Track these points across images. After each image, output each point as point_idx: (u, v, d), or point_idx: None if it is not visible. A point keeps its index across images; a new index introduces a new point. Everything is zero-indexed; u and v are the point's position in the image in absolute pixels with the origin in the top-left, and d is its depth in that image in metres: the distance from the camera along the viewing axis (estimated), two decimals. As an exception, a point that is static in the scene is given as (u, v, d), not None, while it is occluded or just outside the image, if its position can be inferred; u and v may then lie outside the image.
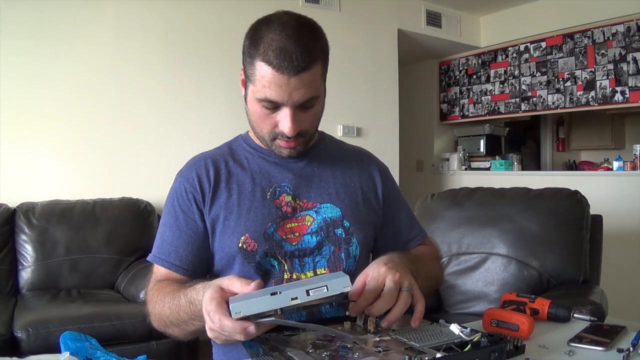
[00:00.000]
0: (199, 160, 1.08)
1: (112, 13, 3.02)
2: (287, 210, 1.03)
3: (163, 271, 1.02)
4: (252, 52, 0.91)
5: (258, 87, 0.92)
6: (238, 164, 1.07)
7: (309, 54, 0.89)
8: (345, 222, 1.05)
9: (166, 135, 3.15)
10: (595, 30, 3.81)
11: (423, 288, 0.90)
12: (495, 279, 1.97)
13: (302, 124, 0.96)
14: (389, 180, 1.17)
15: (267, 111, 0.94)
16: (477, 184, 2.43)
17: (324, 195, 1.06)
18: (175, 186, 1.06)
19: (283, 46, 0.88)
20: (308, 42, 0.90)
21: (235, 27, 3.65)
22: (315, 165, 1.09)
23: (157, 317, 0.96)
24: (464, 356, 0.74)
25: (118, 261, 2.63)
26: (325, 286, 0.72)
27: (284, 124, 0.94)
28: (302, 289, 0.72)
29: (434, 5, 4.31)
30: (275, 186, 1.05)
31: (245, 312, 0.71)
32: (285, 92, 0.90)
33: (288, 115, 0.93)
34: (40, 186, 2.81)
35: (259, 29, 0.92)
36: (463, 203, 2.17)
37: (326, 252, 1.03)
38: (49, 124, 2.86)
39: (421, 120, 5.09)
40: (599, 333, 0.93)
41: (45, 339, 1.93)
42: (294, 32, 0.89)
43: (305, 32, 0.91)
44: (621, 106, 3.75)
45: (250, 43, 0.92)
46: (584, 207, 2.00)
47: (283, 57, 0.87)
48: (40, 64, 2.83)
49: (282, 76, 0.88)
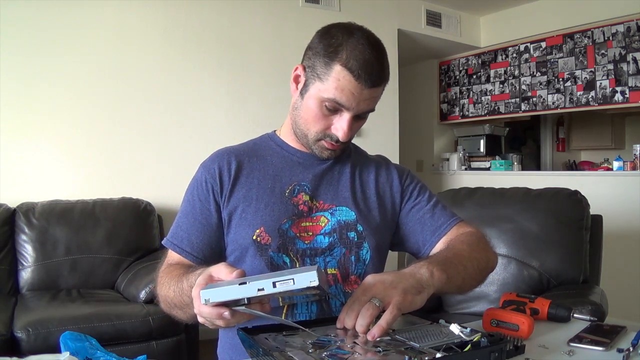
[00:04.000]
0: (223, 153, 1.10)
1: (112, 13, 3.02)
2: (303, 209, 1.05)
3: (175, 256, 1.05)
4: (331, 54, 0.95)
5: (329, 87, 0.95)
6: (261, 160, 1.10)
7: (384, 72, 0.97)
8: (359, 226, 1.06)
9: (166, 135, 3.15)
10: (595, 30, 3.81)
11: (459, 286, 0.99)
12: (495, 279, 1.97)
13: (353, 131, 1.02)
14: (407, 179, 1.17)
15: (326, 112, 0.98)
16: (477, 184, 2.43)
17: (340, 198, 1.08)
18: (197, 176, 1.09)
19: (367, 58, 0.93)
20: (384, 62, 0.98)
21: (236, 26, 3.66)
22: (336, 169, 1.11)
23: (163, 299, 0.98)
24: (464, 356, 0.74)
25: (118, 261, 2.62)
26: (292, 279, 0.73)
27: (339, 128, 0.99)
28: (270, 280, 0.73)
29: (434, 5, 4.31)
30: (295, 184, 1.07)
31: (213, 299, 0.73)
32: (356, 100, 0.95)
33: (347, 120, 0.98)
34: (40, 186, 2.81)
35: (337, 34, 0.96)
36: (463, 203, 2.17)
37: (337, 254, 1.04)
38: (49, 124, 2.86)
39: (421, 120, 5.09)
40: (599, 333, 0.93)
41: (45, 339, 1.93)
42: (375, 48, 0.96)
43: (383, 51, 0.98)
44: (621, 106, 3.75)
45: (329, 45, 0.96)
46: (584, 207, 2.00)
47: (365, 68, 0.93)
48: (40, 63, 2.84)
49: (358, 85, 0.94)
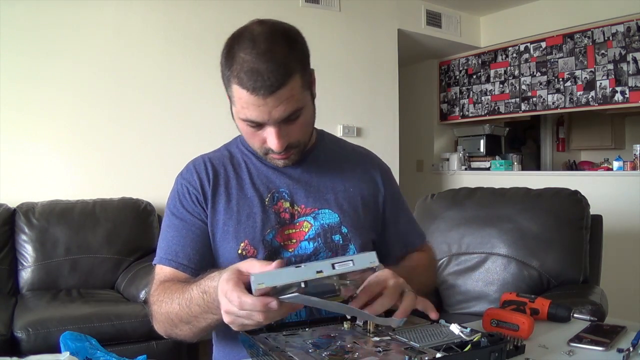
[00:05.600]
0: (199, 162, 1.08)
1: (112, 13, 3.02)
2: (285, 216, 1.03)
3: (167, 272, 1.00)
4: (227, 73, 0.89)
5: (238, 108, 0.91)
6: (237, 168, 1.07)
7: (284, 70, 0.85)
8: (344, 228, 1.04)
9: (166, 135, 3.15)
10: (595, 30, 3.81)
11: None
12: (495, 279, 1.97)
13: (291, 137, 0.95)
14: (390, 183, 1.16)
15: (253, 129, 0.93)
16: (477, 184, 2.43)
17: (322, 201, 1.05)
18: (177, 188, 1.06)
19: (255, 67, 0.85)
20: (281, 57, 0.86)
21: (236, 26, 3.65)
22: (313, 171, 1.07)
23: (165, 317, 0.92)
24: (464, 356, 0.74)
25: (118, 261, 2.62)
26: (352, 260, 0.72)
27: (270, 141, 0.93)
28: (328, 262, 0.72)
29: (434, 5, 4.31)
30: (274, 192, 1.04)
31: (268, 282, 0.68)
32: (264, 112, 0.88)
33: (273, 133, 0.92)
34: (40, 186, 2.81)
35: (231, 46, 0.89)
36: (463, 203, 2.17)
37: (322, 258, 1.03)
38: (49, 124, 2.86)
39: (421, 120, 5.09)
40: (599, 333, 0.93)
41: (45, 339, 1.93)
42: (266, 49, 0.86)
43: (279, 45, 0.87)
44: (621, 106, 3.75)
45: (225, 63, 0.90)
46: (584, 207, 1.99)
47: (255, 78, 0.85)
48: (40, 63, 2.83)
49: (257, 98, 0.86)
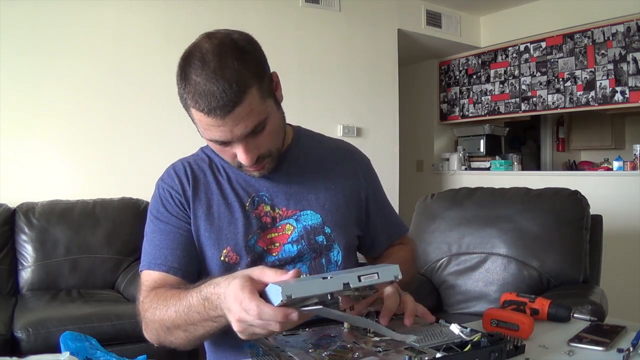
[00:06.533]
0: (179, 166, 1.07)
1: (112, 13, 3.02)
2: (266, 220, 1.02)
3: (157, 277, 0.97)
4: (184, 95, 0.87)
5: (201, 130, 0.90)
6: (216, 173, 1.05)
7: (237, 87, 0.83)
8: (327, 228, 1.04)
9: (166, 135, 3.14)
10: (595, 30, 3.81)
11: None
12: (495, 279, 1.96)
13: (260, 148, 0.93)
14: (371, 176, 1.17)
15: (221, 147, 0.92)
16: (477, 184, 2.43)
17: (303, 202, 1.04)
18: (159, 192, 1.05)
19: (206, 88, 0.83)
20: (233, 74, 0.83)
21: (236, 26, 3.64)
22: (292, 172, 1.06)
23: (158, 325, 0.90)
24: (464, 356, 0.74)
25: (118, 261, 2.63)
26: (377, 273, 0.74)
27: (240, 157, 0.92)
28: (354, 274, 0.73)
29: (434, 5, 4.31)
30: (254, 196, 1.03)
31: (296, 294, 0.67)
32: (226, 131, 0.86)
33: (240, 148, 0.90)
34: (40, 186, 2.81)
35: (183, 67, 0.87)
36: (463, 203, 2.17)
37: (307, 259, 1.03)
38: (49, 124, 2.86)
39: (421, 120, 5.09)
40: (599, 333, 0.93)
41: (45, 339, 1.92)
42: (216, 67, 0.83)
43: (228, 61, 0.84)
44: (621, 106, 3.75)
45: (180, 85, 0.88)
46: (584, 207, 1.99)
47: (209, 101, 0.83)
48: (40, 63, 2.83)
49: (215, 119, 0.85)
